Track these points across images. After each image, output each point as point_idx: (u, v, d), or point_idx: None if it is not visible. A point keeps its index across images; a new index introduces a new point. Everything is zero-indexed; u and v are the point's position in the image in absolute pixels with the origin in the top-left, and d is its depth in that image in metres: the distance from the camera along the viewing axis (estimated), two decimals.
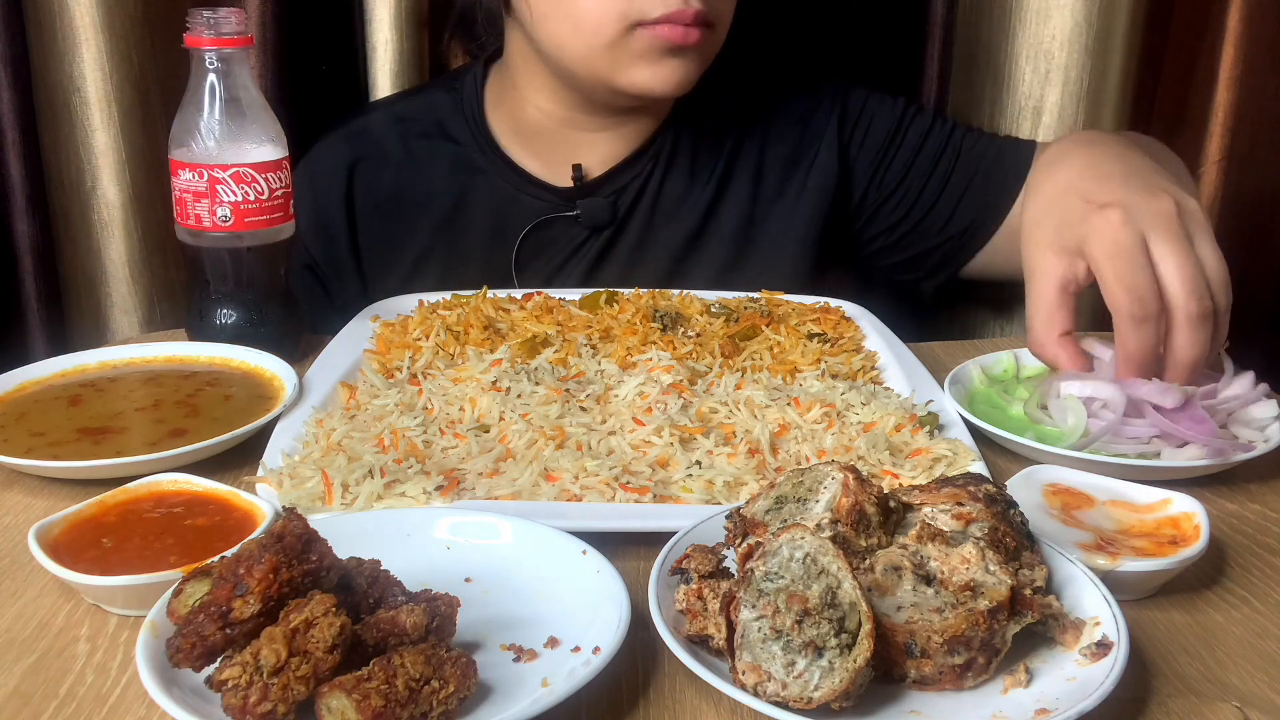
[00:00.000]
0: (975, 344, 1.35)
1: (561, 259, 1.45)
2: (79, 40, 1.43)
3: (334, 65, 1.64)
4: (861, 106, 1.46)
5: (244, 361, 1.15)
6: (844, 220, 1.48)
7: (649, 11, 1.22)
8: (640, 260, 1.44)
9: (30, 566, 0.82)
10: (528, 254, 1.44)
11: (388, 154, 1.46)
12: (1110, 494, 0.87)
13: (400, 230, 1.46)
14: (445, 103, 1.48)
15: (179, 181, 1.15)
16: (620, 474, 0.91)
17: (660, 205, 1.44)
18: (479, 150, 1.45)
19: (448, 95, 1.48)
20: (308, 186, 1.44)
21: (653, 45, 1.25)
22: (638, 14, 1.23)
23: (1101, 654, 0.68)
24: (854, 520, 0.73)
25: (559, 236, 1.44)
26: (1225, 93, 1.65)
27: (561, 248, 1.44)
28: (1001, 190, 1.40)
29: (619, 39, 1.25)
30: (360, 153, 1.46)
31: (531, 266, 1.44)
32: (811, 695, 0.62)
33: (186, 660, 0.63)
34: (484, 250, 1.45)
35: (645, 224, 1.44)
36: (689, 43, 1.25)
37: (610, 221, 1.43)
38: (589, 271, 1.45)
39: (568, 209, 1.42)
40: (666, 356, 1.11)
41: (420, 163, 1.46)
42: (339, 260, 1.48)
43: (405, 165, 1.46)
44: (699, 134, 1.45)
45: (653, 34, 1.24)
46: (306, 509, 0.86)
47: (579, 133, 1.42)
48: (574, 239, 1.44)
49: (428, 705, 0.61)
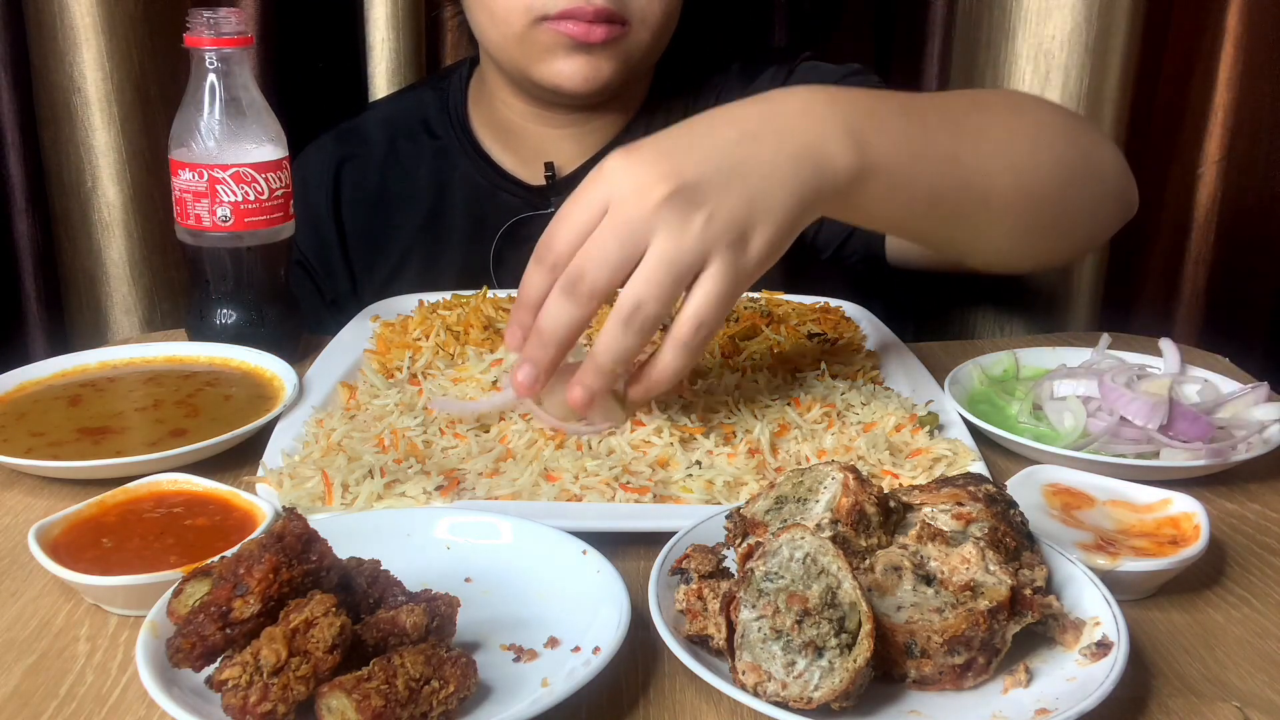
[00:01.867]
0: (975, 344, 1.35)
1: None
2: (79, 40, 1.43)
3: (331, 65, 1.64)
4: (806, 79, 1.40)
5: (244, 361, 1.15)
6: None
7: (550, 6, 1.23)
8: None
9: (30, 566, 0.82)
10: (505, 251, 1.44)
11: (373, 152, 1.47)
12: (1110, 494, 0.87)
13: (385, 227, 1.47)
14: (431, 100, 1.49)
15: (179, 181, 1.15)
16: (620, 474, 0.91)
17: None
18: (458, 146, 1.45)
19: (434, 94, 1.49)
20: (299, 185, 1.44)
21: (556, 40, 1.25)
22: (541, 7, 1.23)
23: (1101, 654, 0.68)
24: (854, 520, 0.73)
25: (535, 234, 1.43)
26: (1225, 93, 1.65)
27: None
28: None
29: (526, 31, 1.26)
30: (348, 151, 1.48)
31: (509, 264, 1.44)
32: (811, 695, 0.62)
33: (186, 660, 0.63)
34: (463, 246, 1.45)
35: None
36: (593, 40, 1.24)
37: None
38: None
39: (543, 206, 1.42)
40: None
41: (404, 160, 1.47)
42: (329, 257, 1.48)
43: (390, 163, 1.47)
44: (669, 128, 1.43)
45: (556, 28, 1.24)
46: (306, 509, 0.86)
47: (547, 129, 1.42)
48: None
49: (428, 705, 0.61)
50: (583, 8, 1.22)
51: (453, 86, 1.48)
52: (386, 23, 1.57)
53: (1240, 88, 1.64)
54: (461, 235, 1.45)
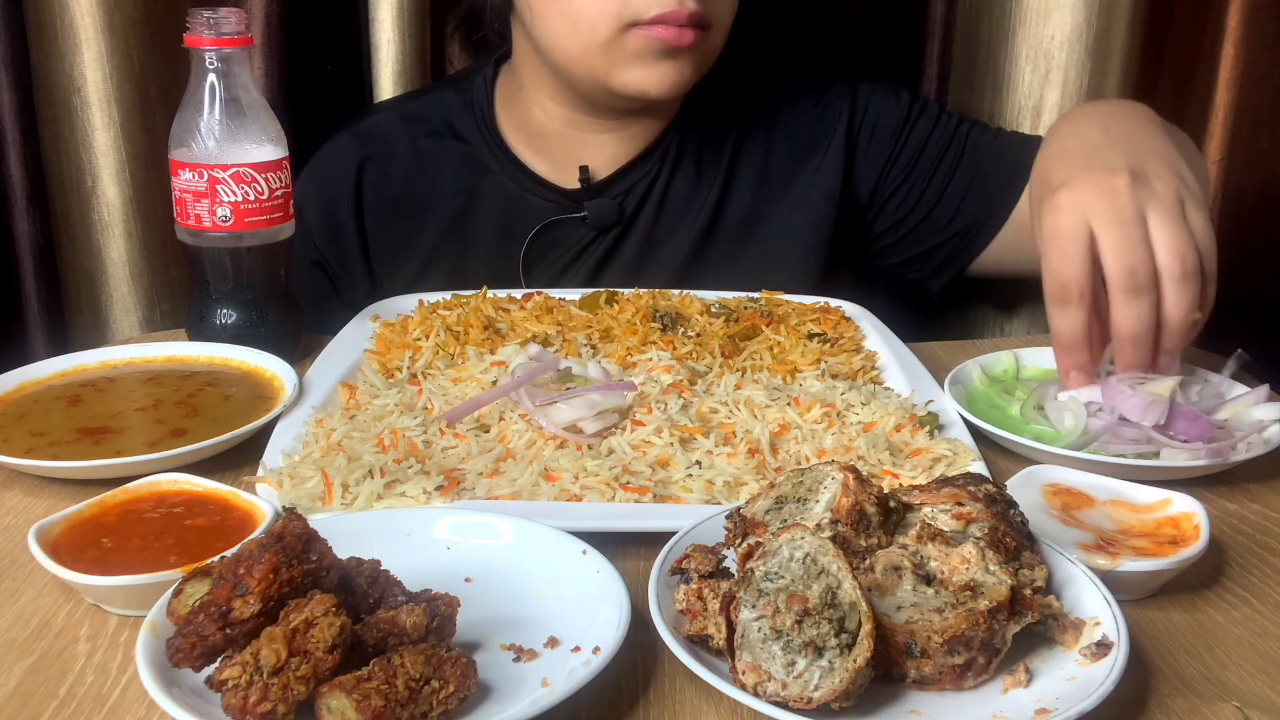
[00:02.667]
0: (975, 344, 1.35)
1: (568, 260, 1.45)
2: (79, 40, 1.43)
3: (337, 65, 1.64)
4: (868, 104, 1.46)
5: (244, 361, 1.15)
6: (852, 218, 1.48)
7: (644, 11, 1.22)
8: (647, 261, 1.45)
9: (30, 566, 0.82)
10: (535, 254, 1.44)
11: (396, 153, 1.46)
12: (1110, 494, 0.87)
13: (409, 229, 1.46)
14: (455, 103, 1.48)
15: (179, 181, 1.15)
16: (620, 474, 0.91)
17: (667, 206, 1.44)
18: (487, 150, 1.45)
19: (457, 95, 1.48)
20: (318, 185, 1.44)
21: (647, 46, 1.25)
22: (633, 14, 1.23)
23: (1101, 654, 0.68)
24: (854, 520, 0.73)
25: (566, 237, 1.44)
26: (1225, 93, 1.65)
27: (568, 248, 1.44)
28: (1008, 185, 1.39)
29: (614, 38, 1.25)
30: (369, 151, 1.46)
31: (538, 267, 1.44)
32: (811, 695, 0.62)
33: (186, 660, 0.63)
34: (492, 250, 1.45)
35: (651, 224, 1.44)
36: (683, 44, 1.24)
37: (617, 222, 1.43)
38: (595, 272, 1.45)
39: (575, 210, 1.42)
40: (666, 356, 1.11)
41: (429, 162, 1.46)
42: (348, 258, 1.48)
43: (414, 164, 1.46)
44: (705, 134, 1.45)
45: (647, 34, 1.23)
46: (306, 509, 0.86)
47: (585, 134, 1.42)
48: (581, 240, 1.44)
49: (428, 705, 0.61)
50: (678, 11, 1.22)
51: (477, 89, 1.47)
52: (392, 24, 1.57)
53: (1240, 88, 1.63)
54: (490, 238, 1.45)
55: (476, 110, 1.46)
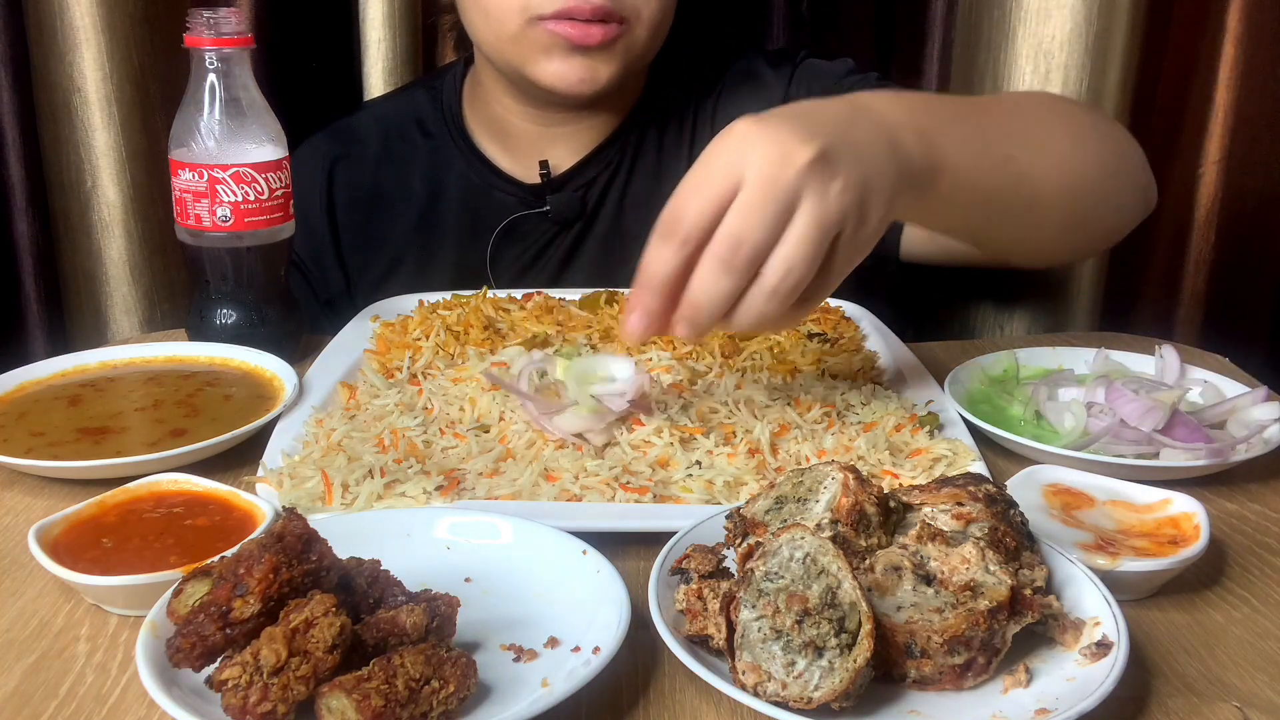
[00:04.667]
0: (975, 344, 1.35)
1: (533, 255, 1.44)
2: (79, 40, 1.43)
3: (327, 64, 1.64)
4: (807, 75, 1.40)
5: (244, 361, 1.15)
6: None
7: (545, 6, 1.21)
8: (612, 254, 1.43)
9: (30, 566, 0.82)
10: (500, 250, 1.44)
11: (367, 151, 1.47)
12: (1110, 494, 0.87)
13: (379, 226, 1.46)
14: (424, 100, 1.48)
15: (179, 181, 1.15)
16: (620, 474, 0.91)
17: (628, 199, 1.43)
18: (453, 145, 1.45)
19: (427, 93, 1.49)
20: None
21: (553, 40, 1.23)
22: (535, 7, 1.22)
23: (1101, 654, 0.68)
24: (854, 520, 0.73)
25: (530, 232, 1.43)
26: (1225, 93, 1.65)
27: (533, 243, 1.44)
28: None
29: (521, 31, 1.24)
30: (340, 151, 1.47)
31: (504, 262, 1.44)
32: (811, 695, 0.62)
33: (186, 660, 0.63)
34: (458, 245, 1.45)
35: (614, 218, 1.43)
36: (590, 42, 1.22)
37: (579, 216, 1.42)
38: (561, 266, 1.44)
39: (538, 205, 1.41)
40: (666, 356, 1.11)
41: (397, 159, 1.46)
42: (322, 256, 1.48)
43: (383, 161, 1.46)
44: (664, 125, 1.43)
45: (553, 29, 1.22)
46: (306, 509, 0.86)
47: (544, 128, 1.41)
48: (545, 235, 1.43)
49: (428, 705, 0.61)
50: (580, 6, 1.20)
51: (446, 86, 1.48)
52: (383, 22, 1.57)
53: (1240, 88, 1.64)
54: (456, 234, 1.45)
55: (445, 107, 1.46)
